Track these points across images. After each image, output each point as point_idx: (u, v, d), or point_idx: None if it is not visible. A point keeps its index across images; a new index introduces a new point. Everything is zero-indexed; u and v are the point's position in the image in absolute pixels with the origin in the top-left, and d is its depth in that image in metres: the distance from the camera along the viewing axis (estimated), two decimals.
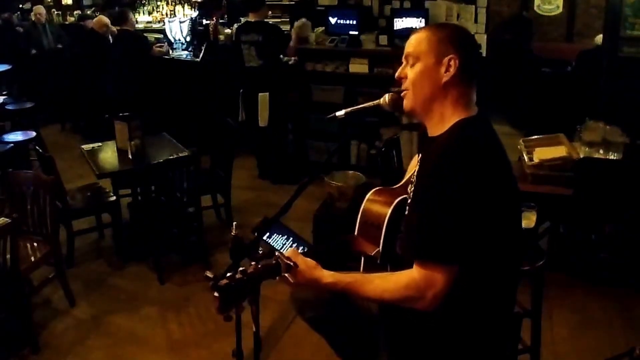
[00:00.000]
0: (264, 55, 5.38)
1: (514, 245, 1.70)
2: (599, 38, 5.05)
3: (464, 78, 1.69)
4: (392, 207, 1.89)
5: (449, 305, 1.59)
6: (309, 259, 1.77)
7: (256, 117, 5.47)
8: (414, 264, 1.61)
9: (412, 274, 1.60)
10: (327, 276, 1.74)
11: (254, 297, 1.64)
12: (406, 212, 1.76)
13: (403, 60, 1.76)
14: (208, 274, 1.58)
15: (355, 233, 2.01)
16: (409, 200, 1.79)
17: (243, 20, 5.87)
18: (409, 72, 1.73)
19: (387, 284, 1.67)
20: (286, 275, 1.72)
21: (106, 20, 6.99)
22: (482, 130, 1.68)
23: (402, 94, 1.77)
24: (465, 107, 1.70)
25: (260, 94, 5.44)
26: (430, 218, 1.57)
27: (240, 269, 1.60)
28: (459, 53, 1.67)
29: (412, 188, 1.76)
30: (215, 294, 1.53)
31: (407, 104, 1.76)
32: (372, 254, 1.91)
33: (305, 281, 1.75)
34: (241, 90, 5.63)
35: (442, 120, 1.71)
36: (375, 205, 1.96)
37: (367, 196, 2.00)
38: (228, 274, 1.58)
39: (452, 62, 1.66)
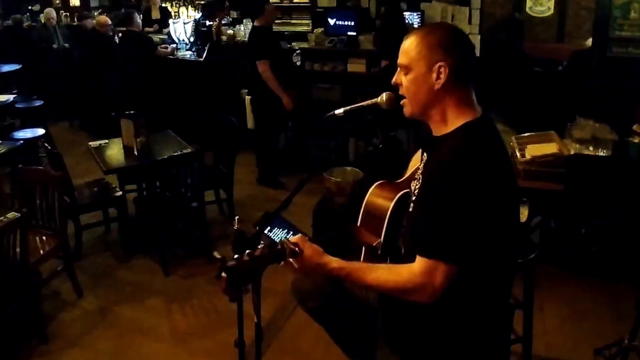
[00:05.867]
0: (249, 59, 5.35)
1: (512, 243, 1.74)
2: (590, 41, 5.12)
3: (459, 81, 1.67)
4: (394, 201, 1.91)
5: (447, 297, 1.62)
6: (315, 245, 1.77)
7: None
8: (417, 258, 1.63)
9: (414, 268, 1.62)
10: (333, 261, 1.75)
11: (256, 288, 1.67)
12: (410, 208, 1.78)
13: (398, 67, 1.76)
14: (216, 255, 1.62)
15: (358, 224, 2.03)
16: (412, 197, 1.80)
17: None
18: (403, 80, 1.73)
19: (389, 275, 1.69)
20: (291, 260, 1.73)
21: (107, 19, 7.06)
22: (488, 134, 1.68)
23: (401, 102, 1.78)
24: (467, 108, 1.69)
25: (246, 97, 5.49)
26: (438, 219, 1.59)
27: (247, 251, 1.63)
28: (449, 58, 1.64)
29: (417, 185, 1.77)
30: (223, 274, 1.56)
31: (406, 110, 1.77)
32: (374, 245, 1.93)
33: (310, 267, 1.75)
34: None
35: (445, 121, 1.71)
36: (379, 198, 1.97)
37: (371, 189, 2.02)
38: (235, 256, 1.61)
39: (442, 70, 1.64)
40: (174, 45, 7.00)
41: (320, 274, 1.81)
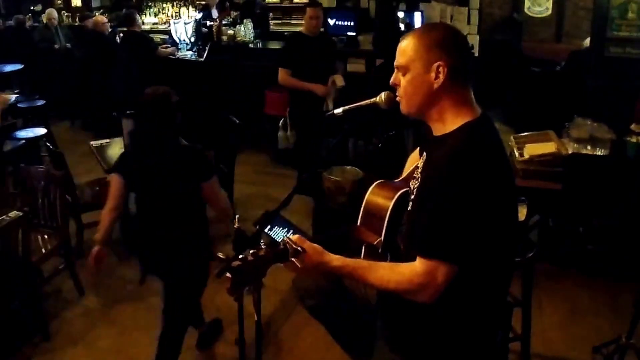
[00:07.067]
0: None
1: (511, 242, 1.75)
2: (588, 41, 5.16)
3: (457, 80, 1.66)
4: (394, 200, 1.90)
5: (446, 296, 1.63)
6: (315, 244, 1.76)
7: None
8: (417, 258, 1.63)
9: (415, 268, 1.62)
10: (335, 260, 1.74)
11: (256, 287, 1.68)
12: (409, 207, 1.77)
13: (395, 68, 1.74)
14: (221, 255, 1.62)
15: (358, 223, 2.02)
16: (412, 196, 1.80)
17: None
18: (402, 80, 1.72)
19: (391, 275, 1.69)
20: (293, 259, 1.71)
21: (103, 18, 7.11)
22: (488, 134, 1.68)
23: (397, 99, 1.77)
24: (466, 108, 1.69)
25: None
26: (439, 219, 1.59)
27: (252, 251, 1.62)
28: (447, 57, 1.64)
29: (416, 184, 1.77)
30: (228, 274, 1.56)
31: (403, 109, 1.76)
32: (375, 243, 1.93)
33: (312, 265, 1.73)
34: None
35: (444, 121, 1.70)
36: (378, 197, 1.97)
37: (370, 189, 2.00)
38: (240, 256, 1.60)
39: (440, 69, 1.63)
40: (175, 47, 7.03)
41: (322, 272, 1.81)
